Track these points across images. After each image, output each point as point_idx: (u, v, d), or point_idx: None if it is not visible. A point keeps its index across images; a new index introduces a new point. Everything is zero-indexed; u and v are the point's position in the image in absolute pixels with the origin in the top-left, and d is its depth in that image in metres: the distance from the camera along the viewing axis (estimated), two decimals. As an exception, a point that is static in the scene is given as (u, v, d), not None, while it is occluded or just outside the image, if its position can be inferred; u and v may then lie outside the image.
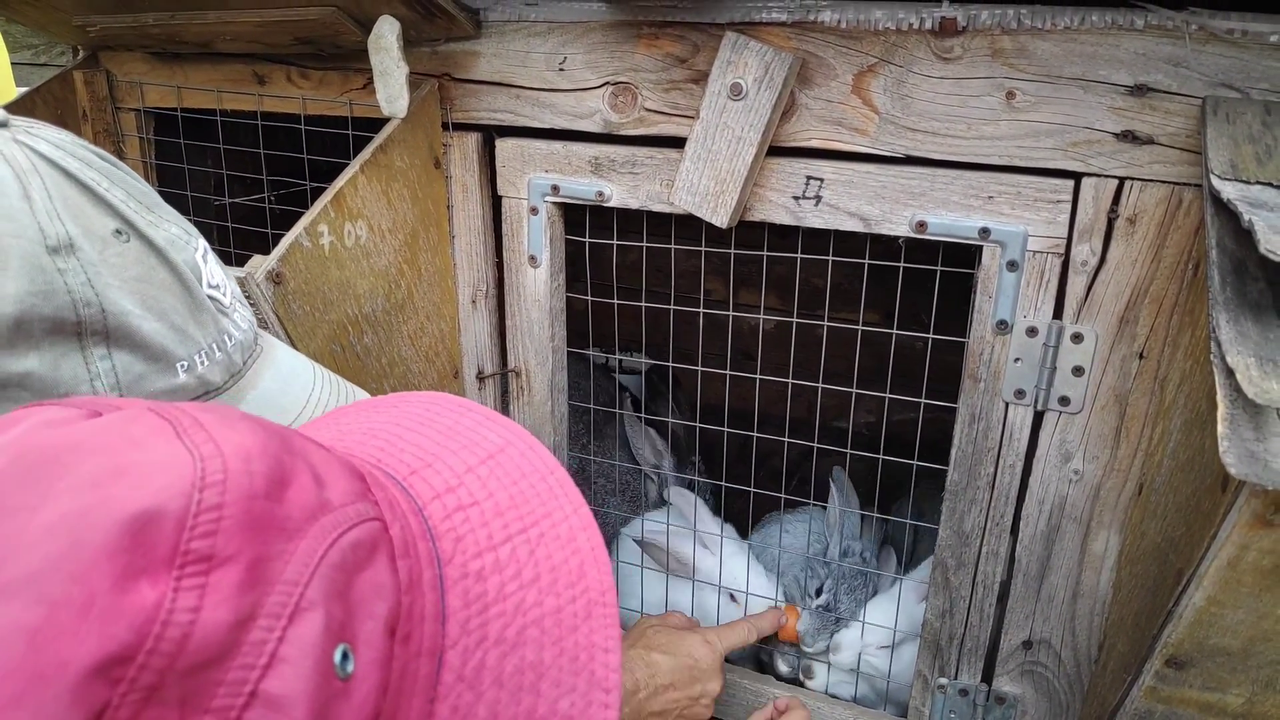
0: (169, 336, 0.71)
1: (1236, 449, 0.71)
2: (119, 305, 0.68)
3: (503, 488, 0.61)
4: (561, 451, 1.67)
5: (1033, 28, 1.12)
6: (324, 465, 0.49)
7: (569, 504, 0.62)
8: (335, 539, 0.46)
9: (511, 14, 1.39)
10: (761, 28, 1.24)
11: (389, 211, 1.37)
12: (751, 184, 1.29)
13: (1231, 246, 0.88)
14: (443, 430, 0.65)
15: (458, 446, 0.63)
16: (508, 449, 0.64)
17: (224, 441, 0.44)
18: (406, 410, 0.68)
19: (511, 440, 0.65)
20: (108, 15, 1.55)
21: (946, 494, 1.35)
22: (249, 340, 0.81)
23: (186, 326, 0.73)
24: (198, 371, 0.73)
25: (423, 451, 0.62)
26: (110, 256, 0.68)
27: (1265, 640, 0.88)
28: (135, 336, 0.69)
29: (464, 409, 0.68)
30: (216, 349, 0.76)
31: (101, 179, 0.71)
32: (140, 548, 0.39)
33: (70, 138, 0.73)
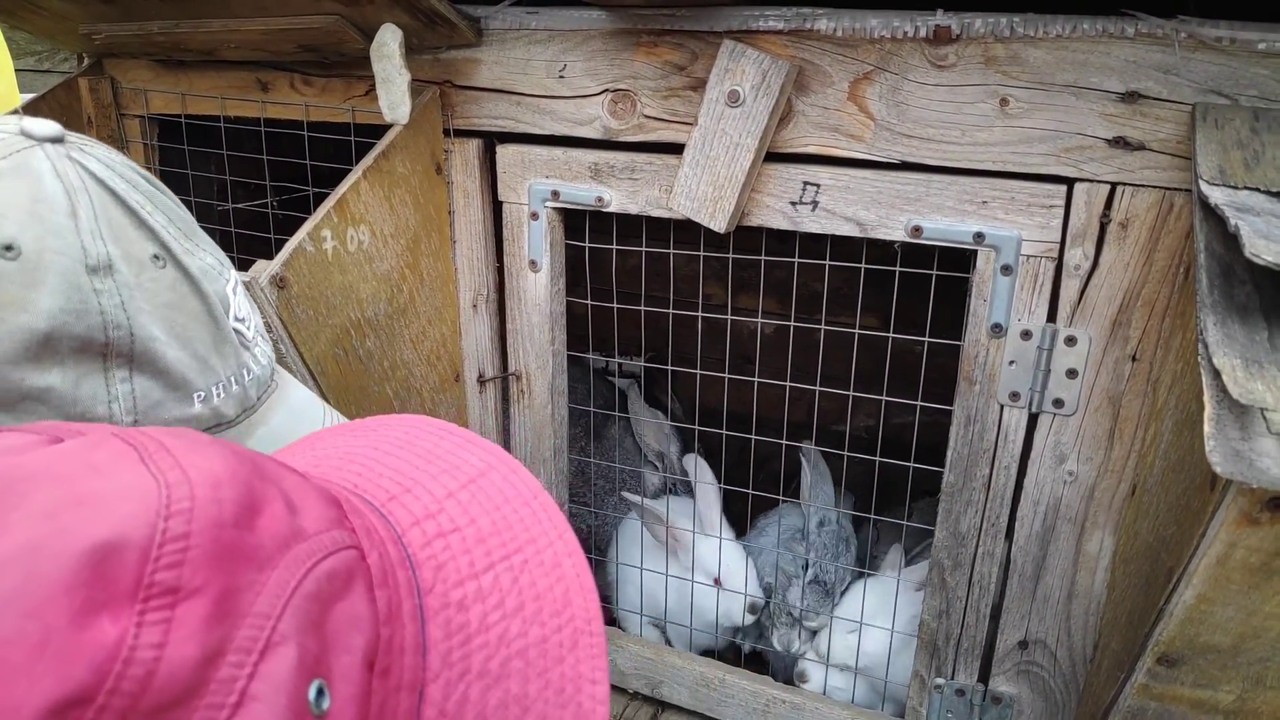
0: (191, 366, 0.71)
1: (1222, 448, 0.73)
2: (147, 330, 0.68)
3: (484, 513, 0.59)
4: (562, 454, 1.68)
5: (1025, 35, 1.14)
6: (297, 491, 0.47)
7: (553, 529, 0.60)
8: (309, 569, 0.44)
9: (512, 22, 1.40)
10: (759, 36, 1.26)
11: (391, 217, 1.39)
12: (749, 189, 1.31)
13: (1219, 250, 0.90)
14: (422, 454, 0.63)
15: (438, 471, 0.61)
16: (489, 473, 0.63)
17: (191, 467, 0.42)
18: (385, 434, 0.67)
19: (493, 464, 0.63)
20: (113, 24, 1.57)
21: (943, 495, 1.36)
22: (265, 376, 0.81)
23: (209, 357, 0.73)
24: (213, 403, 0.74)
25: (401, 476, 0.60)
26: (146, 281, 0.69)
27: (1255, 637, 0.90)
28: (159, 363, 0.69)
29: (444, 432, 0.67)
30: (234, 382, 0.76)
31: (146, 202, 0.71)
32: (100, 581, 0.36)
33: (120, 158, 0.74)
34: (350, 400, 1.37)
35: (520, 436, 1.67)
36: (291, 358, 1.24)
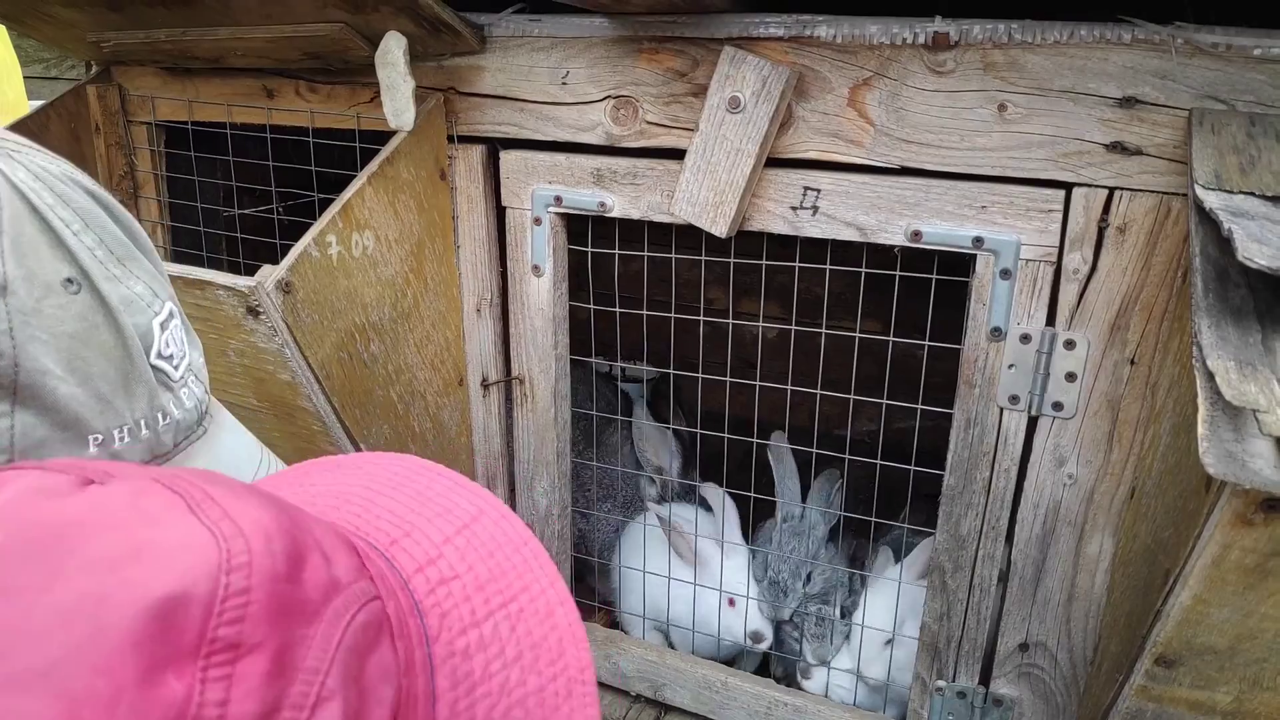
0: (88, 405, 0.64)
1: (1216, 450, 0.74)
2: (38, 362, 0.61)
3: (480, 560, 0.59)
4: (564, 458, 1.69)
5: (1023, 42, 1.15)
6: (327, 540, 0.47)
7: (545, 577, 0.60)
8: (349, 622, 0.44)
9: (515, 29, 1.42)
10: (759, 42, 1.27)
11: (395, 222, 1.40)
12: (750, 194, 1.32)
13: (1214, 254, 0.90)
14: (415, 496, 0.62)
15: (433, 514, 0.60)
16: (481, 518, 0.62)
17: (241, 518, 0.42)
18: (375, 472, 0.65)
19: (484, 508, 0.63)
20: (121, 31, 1.58)
21: (943, 498, 1.37)
22: (190, 421, 0.73)
23: (114, 397, 0.65)
24: (113, 447, 0.66)
25: (398, 519, 0.59)
26: (48, 306, 0.62)
27: (1251, 638, 0.90)
28: (47, 399, 0.62)
29: (434, 473, 0.65)
30: (144, 426, 0.68)
31: (75, 220, 0.64)
32: (166, 636, 0.36)
33: (63, 170, 0.67)
34: (355, 404, 1.38)
35: (523, 440, 1.68)
36: (296, 362, 1.25)
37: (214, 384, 1.05)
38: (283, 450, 1.43)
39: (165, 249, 1.88)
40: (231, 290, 1.18)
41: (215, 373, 1.32)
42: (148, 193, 1.86)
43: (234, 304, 1.20)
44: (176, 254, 1.89)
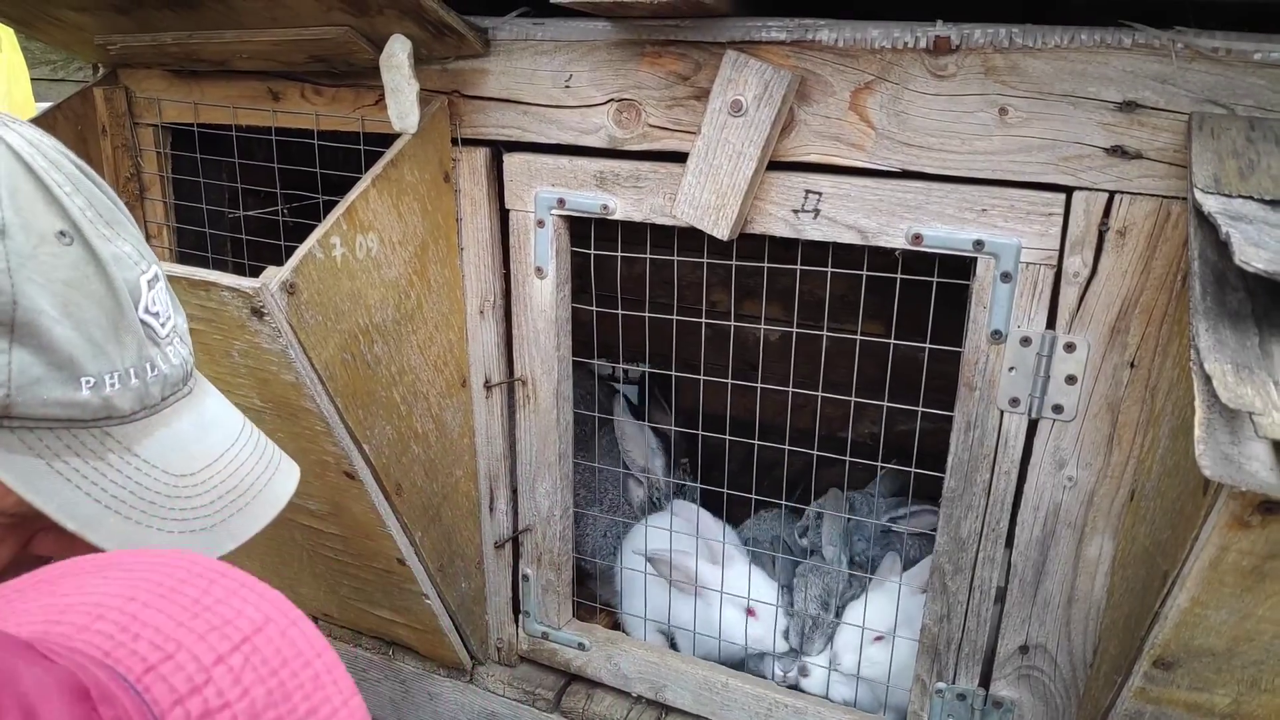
0: (81, 347, 0.67)
1: (1212, 452, 0.74)
2: (34, 302, 0.65)
3: (260, 681, 0.53)
4: (566, 459, 1.70)
5: (1024, 46, 1.15)
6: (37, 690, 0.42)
7: (338, 694, 0.55)
8: None
9: (519, 33, 1.43)
10: (761, 46, 1.28)
11: (399, 224, 1.41)
12: (752, 197, 1.33)
13: (1213, 258, 0.91)
14: (188, 606, 0.55)
15: (206, 628, 0.54)
16: (266, 627, 0.56)
17: None
18: (145, 576, 0.58)
19: (271, 616, 0.57)
20: (128, 35, 1.60)
21: (943, 501, 1.37)
22: (176, 377, 0.77)
23: (105, 344, 0.69)
24: (104, 392, 0.69)
25: (163, 638, 0.53)
26: (43, 254, 0.66)
27: (1248, 640, 0.91)
28: (43, 337, 0.65)
29: (215, 575, 0.59)
30: (134, 375, 0.71)
31: (65, 183, 0.69)
32: None
33: (53, 142, 0.72)
34: (358, 405, 1.39)
35: (525, 442, 1.68)
36: (300, 363, 1.26)
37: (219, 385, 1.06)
38: (287, 450, 1.43)
39: (170, 250, 1.90)
40: (236, 291, 1.19)
41: (219, 374, 1.33)
42: (153, 194, 1.87)
43: (238, 305, 1.20)
44: (181, 255, 1.90)
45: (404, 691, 1.98)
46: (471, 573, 1.80)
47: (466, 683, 1.91)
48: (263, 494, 0.82)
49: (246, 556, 1.90)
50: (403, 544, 1.57)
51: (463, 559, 1.76)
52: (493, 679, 1.88)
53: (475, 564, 1.80)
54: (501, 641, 1.88)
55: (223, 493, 0.78)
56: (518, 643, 1.88)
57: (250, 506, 0.80)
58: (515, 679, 1.87)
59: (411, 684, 1.96)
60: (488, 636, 1.89)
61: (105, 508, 0.70)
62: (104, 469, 0.70)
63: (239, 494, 0.80)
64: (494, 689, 1.88)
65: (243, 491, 0.80)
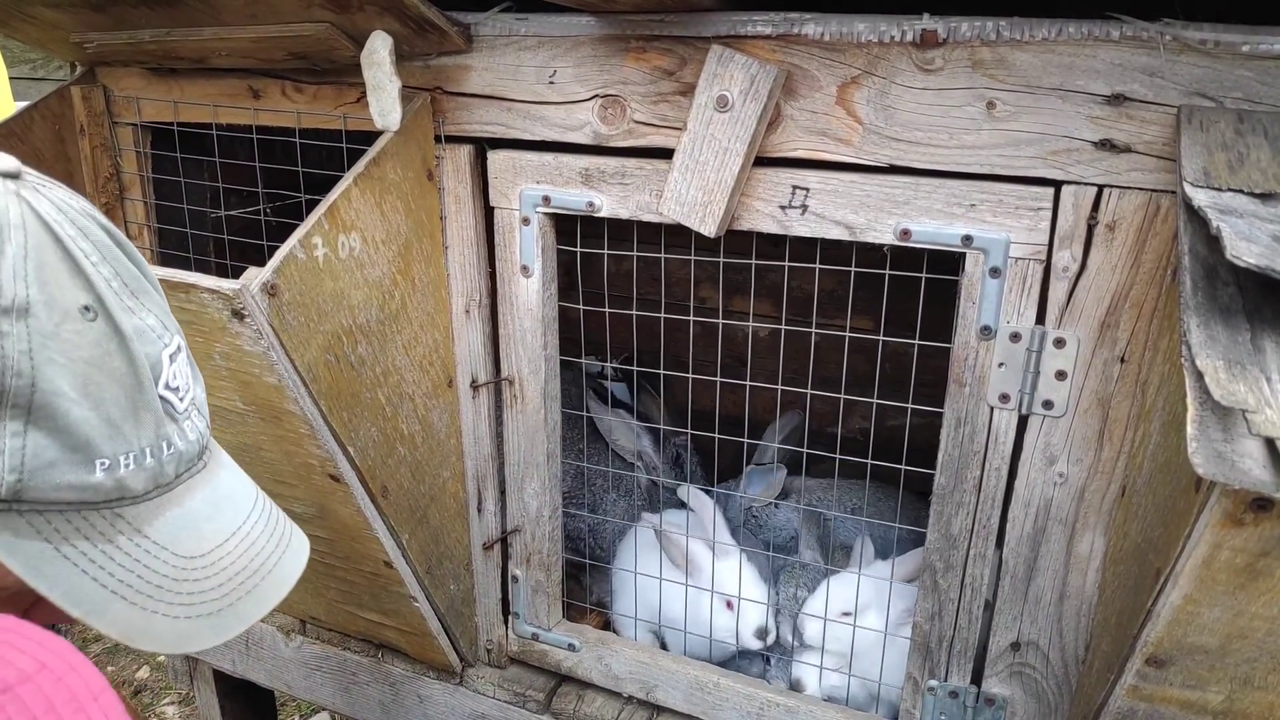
0: (99, 429, 0.66)
1: (1205, 450, 0.73)
2: (54, 384, 0.63)
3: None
4: (555, 459, 1.68)
5: (1011, 39, 1.14)
6: None
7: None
8: None
9: (502, 29, 1.41)
10: (747, 41, 1.26)
11: (382, 223, 1.39)
12: (739, 194, 1.31)
13: (1203, 252, 0.90)
14: None
15: None
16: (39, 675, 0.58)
17: None
18: None
19: (46, 663, 0.59)
20: (105, 32, 1.57)
21: (934, 498, 1.36)
22: (191, 454, 0.75)
23: (123, 424, 0.67)
24: (118, 474, 0.67)
25: None
26: (66, 331, 0.64)
27: (1242, 638, 0.90)
28: (60, 420, 0.64)
29: None
30: (149, 454, 0.70)
31: (93, 252, 0.67)
32: None
33: (82, 205, 0.70)
34: (343, 406, 1.37)
35: (513, 442, 1.67)
36: (282, 365, 1.24)
37: (198, 388, 1.04)
38: (270, 453, 1.42)
39: (151, 251, 1.87)
40: (216, 293, 1.17)
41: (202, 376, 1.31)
42: (133, 194, 1.85)
43: (219, 307, 1.19)
44: (163, 256, 1.88)
45: (393, 694, 1.96)
46: (460, 574, 1.78)
47: (456, 685, 1.89)
48: (272, 574, 0.80)
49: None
50: (390, 546, 1.55)
51: (451, 561, 1.75)
52: (483, 681, 1.87)
53: (464, 565, 1.79)
54: (491, 643, 1.87)
55: (232, 574, 0.76)
56: (508, 644, 1.86)
57: (260, 588, 0.78)
58: (505, 680, 1.85)
59: (401, 686, 1.95)
60: (477, 638, 1.88)
61: (111, 593, 0.68)
62: (112, 552, 0.69)
63: (249, 575, 0.77)
64: (484, 691, 1.87)
65: (253, 573, 0.78)
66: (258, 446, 1.41)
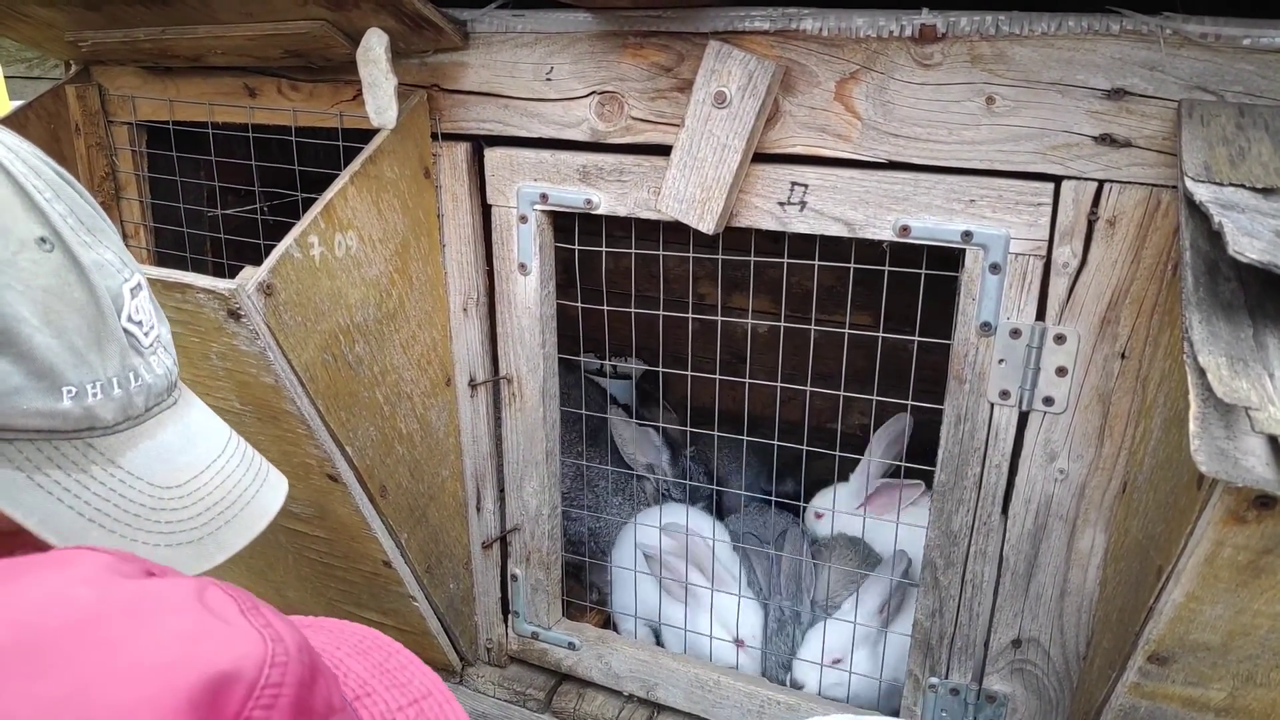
0: (62, 356, 0.66)
1: (1207, 447, 0.73)
2: (14, 309, 0.64)
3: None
4: (554, 458, 1.68)
5: (1011, 33, 1.13)
6: (328, 673, 0.56)
7: None
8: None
9: (498, 25, 1.40)
10: (745, 36, 1.26)
11: (379, 221, 1.39)
12: (737, 190, 1.31)
13: (1205, 247, 0.89)
14: (376, 665, 0.70)
15: (390, 683, 0.69)
16: (430, 696, 0.70)
17: (280, 628, 0.51)
18: (343, 637, 0.73)
19: (432, 689, 0.71)
20: (99, 31, 1.56)
21: (934, 494, 1.36)
22: (160, 387, 0.75)
23: (87, 352, 0.68)
24: (86, 402, 0.68)
25: (361, 682, 0.67)
26: (23, 260, 0.65)
27: (1244, 635, 0.90)
28: (22, 345, 0.64)
29: (393, 648, 0.74)
30: (116, 384, 0.70)
31: (47, 189, 0.68)
32: (214, 703, 0.45)
33: (32, 149, 0.72)
34: (340, 406, 1.37)
35: (512, 440, 1.66)
36: (279, 365, 1.24)
37: (197, 388, 1.04)
38: (269, 454, 1.41)
39: (148, 251, 1.86)
40: (212, 293, 1.16)
41: (198, 377, 1.30)
42: (130, 194, 1.84)
43: (215, 307, 1.18)
44: (160, 256, 1.87)
45: (393, 693, 1.96)
46: (459, 573, 1.78)
47: (456, 684, 1.89)
48: (251, 505, 0.81)
49: (232, 561, 1.87)
50: (389, 546, 1.55)
51: (450, 560, 1.74)
52: (483, 680, 1.86)
53: (463, 564, 1.78)
54: (491, 642, 1.87)
55: (210, 504, 0.77)
56: (507, 643, 1.86)
57: (239, 518, 0.79)
58: (505, 680, 1.85)
59: (401, 686, 1.94)
60: (477, 637, 1.87)
61: (89, 521, 0.69)
62: (86, 481, 0.69)
63: (227, 505, 0.78)
64: (484, 690, 1.86)
65: (231, 503, 0.79)
66: (256, 447, 1.40)
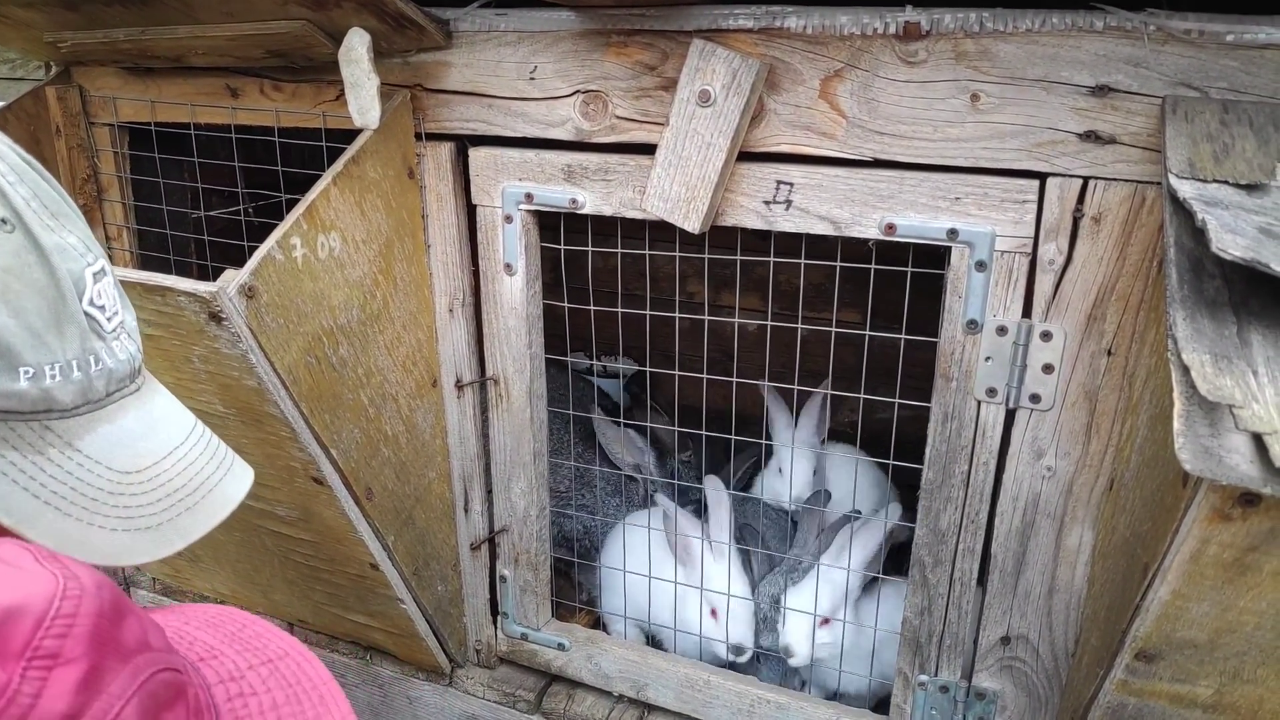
0: (19, 336, 0.65)
1: (1192, 445, 0.72)
2: None
3: (280, 688, 0.70)
4: (541, 458, 1.67)
5: (995, 30, 1.13)
6: (145, 617, 0.58)
7: (339, 711, 0.71)
8: (154, 673, 0.55)
9: (481, 24, 1.39)
10: (729, 34, 1.25)
11: (363, 222, 1.38)
12: (722, 189, 1.30)
13: (1189, 245, 0.89)
14: (228, 634, 0.73)
15: (241, 648, 0.72)
16: (287, 656, 0.73)
17: (79, 569, 0.53)
18: (193, 615, 0.77)
19: (289, 650, 0.74)
20: (78, 32, 1.55)
21: (922, 492, 1.36)
22: (123, 373, 0.75)
23: (45, 334, 0.67)
24: (44, 383, 0.67)
25: (207, 648, 0.71)
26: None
27: (1230, 632, 0.90)
28: None
29: (248, 620, 0.77)
30: (75, 367, 0.69)
31: (9, 172, 0.68)
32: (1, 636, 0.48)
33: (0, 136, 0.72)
34: (324, 409, 1.36)
35: (499, 441, 1.65)
36: (262, 368, 1.22)
37: (179, 391, 1.02)
38: (253, 457, 1.40)
39: (131, 253, 1.85)
40: (193, 296, 1.15)
41: (180, 379, 1.29)
42: (112, 195, 1.83)
43: (196, 310, 1.17)
44: (143, 258, 1.86)
45: (383, 696, 1.95)
46: (448, 575, 1.77)
47: (446, 686, 1.88)
48: (213, 493, 0.80)
49: (218, 565, 1.86)
50: (375, 549, 1.54)
51: (438, 561, 1.73)
52: (472, 681, 1.86)
53: (451, 566, 1.77)
54: (480, 643, 1.86)
55: (170, 491, 0.77)
56: (497, 644, 1.85)
57: (201, 505, 0.79)
58: (495, 681, 1.84)
59: (390, 688, 1.93)
60: (466, 639, 1.86)
61: (44, 503, 0.68)
62: (43, 464, 0.69)
63: (188, 492, 0.78)
64: (474, 691, 1.86)
65: (193, 490, 0.78)
66: (239, 450, 1.38)
